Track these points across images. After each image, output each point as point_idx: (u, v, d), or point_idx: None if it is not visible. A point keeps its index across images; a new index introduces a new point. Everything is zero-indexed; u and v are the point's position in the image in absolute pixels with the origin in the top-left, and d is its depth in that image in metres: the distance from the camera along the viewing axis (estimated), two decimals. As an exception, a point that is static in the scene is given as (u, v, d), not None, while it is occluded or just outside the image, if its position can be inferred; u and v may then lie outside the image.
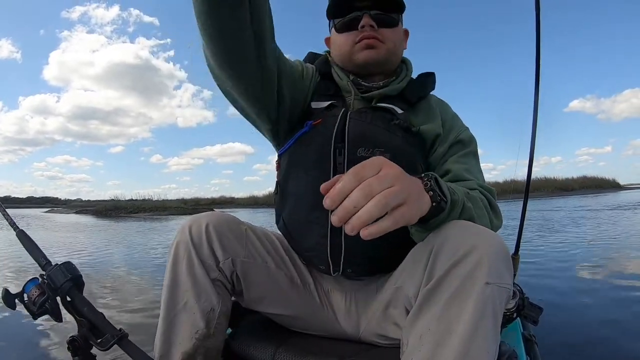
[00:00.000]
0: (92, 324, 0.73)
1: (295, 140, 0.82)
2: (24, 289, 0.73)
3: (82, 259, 4.85)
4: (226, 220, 0.82)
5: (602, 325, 1.94)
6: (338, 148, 0.78)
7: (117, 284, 3.37)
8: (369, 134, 0.79)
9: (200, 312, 0.75)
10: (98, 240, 7.65)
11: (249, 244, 0.83)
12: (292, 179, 0.84)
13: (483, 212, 0.74)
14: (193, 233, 0.77)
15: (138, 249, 6.08)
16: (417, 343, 0.58)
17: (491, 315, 0.55)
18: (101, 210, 23.71)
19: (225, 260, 0.78)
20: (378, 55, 0.85)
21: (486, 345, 0.54)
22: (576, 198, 17.12)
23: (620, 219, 7.42)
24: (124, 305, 2.58)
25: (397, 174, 0.50)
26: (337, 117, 0.80)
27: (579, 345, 1.70)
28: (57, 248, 6.07)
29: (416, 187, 0.56)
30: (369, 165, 0.50)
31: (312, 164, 0.80)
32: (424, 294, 0.59)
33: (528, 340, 1.07)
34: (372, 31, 0.84)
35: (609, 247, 4.47)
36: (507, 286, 0.57)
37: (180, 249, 0.77)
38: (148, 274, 3.86)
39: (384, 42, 0.85)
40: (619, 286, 2.73)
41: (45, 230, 10.70)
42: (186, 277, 0.75)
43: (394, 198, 0.48)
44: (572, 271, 3.30)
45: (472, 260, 0.56)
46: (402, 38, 0.91)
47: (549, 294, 2.53)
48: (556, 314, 2.06)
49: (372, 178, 0.48)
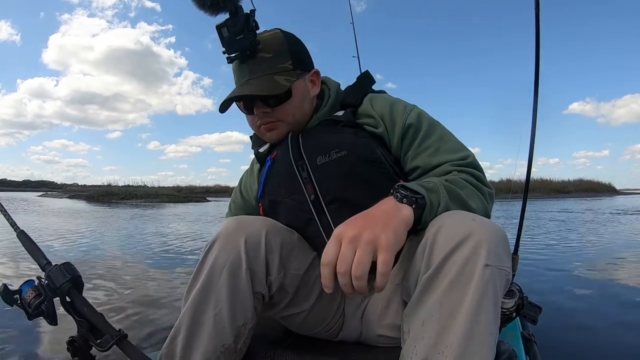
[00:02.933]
0: (91, 325, 0.72)
1: (265, 179, 0.88)
2: (20, 290, 0.72)
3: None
4: (282, 228, 0.78)
5: (601, 324, 1.96)
6: (300, 165, 0.82)
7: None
8: (321, 141, 0.82)
9: (230, 327, 0.69)
10: (75, 227, 7.46)
11: (300, 254, 0.79)
12: (278, 213, 0.86)
13: (469, 189, 0.72)
14: (248, 239, 0.71)
15: (118, 240, 5.63)
16: (420, 330, 0.58)
17: (492, 298, 0.55)
18: (93, 196, 23.61)
19: (278, 274, 0.74)
20: (280, 133, 0.86)
21: (489, 328, 0.54)
22: (570, 201, 17.16)
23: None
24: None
25: (354, 234, 0.57)
26: (288, 142, 0.85)
27: (578, 345, 1.71)
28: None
29: (385, 210, 0.61)
30: (329, 245, 0.58)
31: (285, 190, 0.84)
32: (423, 281, 0.59)
33: (527, 340, 1.08)
34: (266, 117, 0.84)
35: (604, 248, 4.52)
36: (507, 269, 0.57)
37: (224, 254, 0.70)
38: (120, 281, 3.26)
39: (282, 120, 0.84)
40: (618, 285, 2.76)
41: (25, 214, 10.61)
42: (225, 286, 0.69)
43: (364, 261, 0.55)
44: (569, 271, 3.33)
45: (470, 244, 0.56)
46: (304, 94, 0.86)
47: (547, 294, 2.55)
48: (556, 314, 2.07)
49: (338, 262, 0.56)
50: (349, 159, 0.79)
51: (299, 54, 0.85)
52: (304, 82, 0.86)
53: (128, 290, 2.70)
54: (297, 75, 0.83)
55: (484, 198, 0.74)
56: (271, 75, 0.81)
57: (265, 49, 0.81)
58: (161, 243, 5.24)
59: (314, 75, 0.89)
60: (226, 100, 0.82)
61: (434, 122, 0.84)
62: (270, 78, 0.80)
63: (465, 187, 0.72)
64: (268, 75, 0.80)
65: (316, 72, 0.89)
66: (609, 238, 5.48)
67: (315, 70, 0.89)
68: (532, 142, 1.22)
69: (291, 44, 0.84)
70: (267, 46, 0.81)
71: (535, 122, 1.20)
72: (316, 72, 0.89)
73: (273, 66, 0.81)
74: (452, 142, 0.82)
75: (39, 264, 0.76)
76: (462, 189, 0.71)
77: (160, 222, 8.87)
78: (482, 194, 0.75)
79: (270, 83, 0.80)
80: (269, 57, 0.81)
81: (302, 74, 0.85)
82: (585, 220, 8.12)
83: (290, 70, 0.82)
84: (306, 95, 0.86)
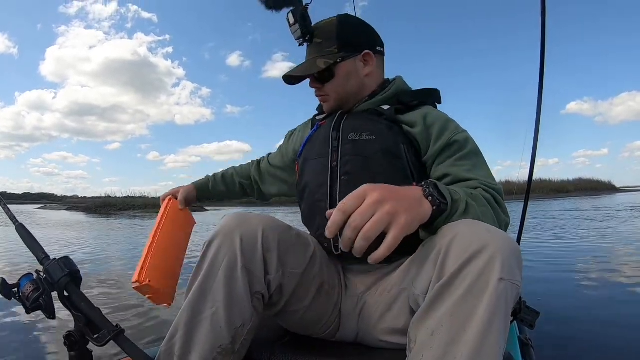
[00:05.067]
0: (88, 320, 0.71)
1: (307, 140, 1.01)
2: (18, 284, 0.72)
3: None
4: (279, 225, 0.78)
5: (599, 329, 1.96)
6: (335, 136, 0.93)
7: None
8: (357, 122, 0.93)
9: (227, 327, 0.68)
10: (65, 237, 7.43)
11: (299, 252, 0.80)
12: (306, 171, 0.97)
13: (487, 209, 0.73)
14: (244, 238, 0.71)
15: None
16: (428, 339, 0.57)
17: (503, 312, 0.55)
18: (91, 207, 23.55)
19: (277, 272, 0.74)
20: (330, 106, 1.00)
21: (498, 342, 0.54)
22: (571, 200, 17.12)
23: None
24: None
25: (379, 197, 0.58)
26: (335, 116, 0.97)
27: (575, 349, 1.71)
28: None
29: (411, 196, 0.62)
30: (352, 196, 0.59)
31: (317, 152, 0.95)
32: (435, 290, 0.58)
33: (524, 344, 1.07)
34: (318, 91, 0.99)
35: (600, 249, 4.50)
36: (519, 283, 0.57)
37: (221, 252, 0.70)
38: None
39: (329, 95, 0.97)
40: (616, 289, 2.75)
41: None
42: (222, 285, 0.69)
43: (379, 225, 0.56)
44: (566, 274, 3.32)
45: (486, 256, 0.56)
46: (349, 73, 0.95)
47: (545, 297, 2.54)
48: (552, 318, 2.07)
49: (356, 214, 0.57)
50: (375, 144, 0.88)
51: (347, 38, 0.95)
52: (353, 63, 0.95)
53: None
54: (340, 58, 0.93)
55: (497, 221, 0.75)
56: (316, 58, 0.94)
57: (319, 35, 0.95)
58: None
59: (366, 56, 0.96)
60: (285, 76, 0.99)
61: (478, 149, 0.89)
62: (314, 61, 0.94)
63: (484, 206, 0.73)
64: (313, 58, 0.94)
65: (367, 54, 0.96)
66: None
67: (366, 52, 0.96)
68: (535, 143, 1.23)
69: (341, 29, 0.95)
70: (320, 33, 0.95)
71: (539, 123, 1.21)
72: (367, 54, 0.96)
73: (320, 50, 0.94)
74: (486, 170, 0.86)
75: (37, 257, 0.75)
76: (481, 207, 0.72)
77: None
78: (497, 217, 0.75)
79: (309, 66, 0.95)
80: (319, 42, 0.95)
81: (349, 56, 0.94)
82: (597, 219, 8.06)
83: (334, 53, 0.93)
84: (352, 75, 0.96)
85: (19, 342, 1.64)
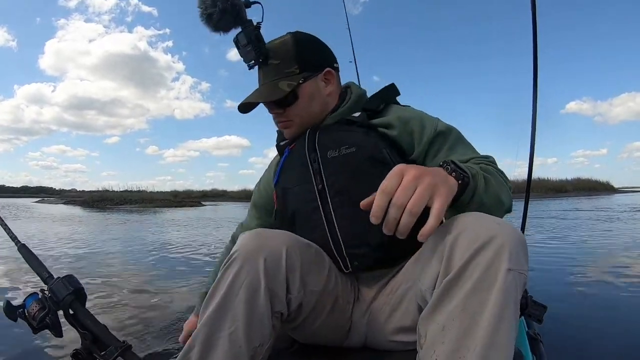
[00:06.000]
0: (95, 337, 0.71)
1: (281, 168, 0.96)
2: (24, 304, 0.72)
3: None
4: (301, 243, 0.76)
5: (608, 322, 1.96)
6: (312, 157, 0.88)
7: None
8: (333, 137, 0.88)
9: (247, 346, 0.66)
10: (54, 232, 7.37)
11: (319, 269, 0.78)
12: (289, 200, 0.93)
13: (497, 178, 0.76)
14: (268, 258, 0.69)
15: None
16: (440, 335, 0.56)
17: (513, 302, 0.54)
18: (88, 201, 23.55)
19: (299, 292, 0.72)
20: (292, 132, 0.95)
21: (510, 334, 0.54)
22: (568, 201, 17.11)
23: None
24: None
25: (417, 173, 0.58)
26: (305, 136, 0.92)
27: (584, 343, 1.70)
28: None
29: (440, 174, 0.62)
30: (391, 177, 0.59)
31: (297, 178, 0.90)
32: (444, 285, 0.58)
33: (533, 339, 1.07)
34: (279, 117, 0.93)
35: (604, 245, 4.52)
36: (525, 272, 0.57)
37: (243, 272, 0.68)
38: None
39: (291, 120, 0.92)
40: (627, 283, 2.75)
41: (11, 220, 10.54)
42: (242, 305, 0.67)
43: (423, 198, 0.56)
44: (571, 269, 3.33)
45: (493, 247, 0.55)
46: (312, 94, 0.91)
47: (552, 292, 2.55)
48: (561, 312, 2.06)
49: (398, 192, 0.57)
50: (357, 155, 0.84)
51: (307, 57, 0.90)
52: (315, 83, 0.91)
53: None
54: (302, 79, 0.88)
55: (507, 185, 0.78)
56: (277, 81, 0.88)
57: (274, 56, 0.89)
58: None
59: (327, 74, 0.93)
60: (241, 105, 0.92)
61: (458, 132, 0.90)
62: (275, 84, 0.88)
63: (496, 175, 0.76)
64: (274, 81, 0.88)
65: (328, 72, 0.93)
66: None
67: (327, 70, 0.92)
68: (532, 140, 1.22)
69: (299, 48, 0.89)
70: (276, 53, 0.89)
71: (535, 121, 1.21)
72: (328, 72, 0.93)
73: (280, 72, 0.88)
74: (474, 148, 0.89)
75: (41, 277, 0.75)
76: (495, 177, 0.75)
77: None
78: (506, 183, 0.79)
79: (272, 89, 0.88)
80: (276, 64, 0.89)
81: (311, 76, 0.90)
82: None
83: (295, 74, 0.88)
84: (316, 95, 0.92)
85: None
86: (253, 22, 0.87)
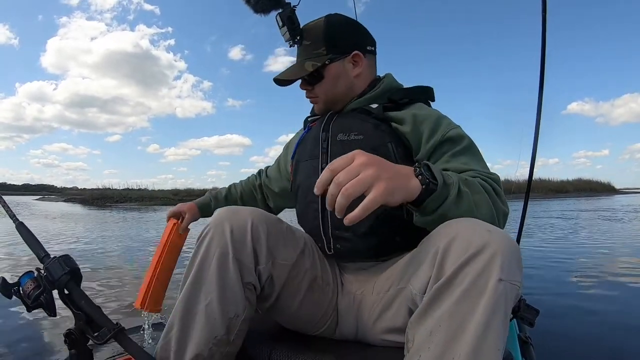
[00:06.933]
0: (89, 318, 0.72)
1: (299, 141, 1.02)
2: (19, 282, 0.72)
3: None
4: (269, 217, 0.79)
5: (599, 327, 1.97)
6: (324, 137, 0.94)
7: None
8: (346, 122, 0.93)
9: (221, 318, 0.70)
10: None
11: (289, 244, 0.81)
12: (298, 172, 0.99)
13: (482, 195, 0.71)
14: (234, 229, 0.73)
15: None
16: (426, 340, 0.57)
17: (502, 313, 0.55)
18: (88, 199, 23.60)
19: (267, 263, 0.75)
20: (320, 107, 1.00)
21: (497, 343, 0.54)
22: (567, 202, 17.08)
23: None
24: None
25: (366, 161, 0.59)
26: (324, 117, 0.98)
27: (575, 348, 1.71)
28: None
29: (399, 170, 0.63)
30: (343, 157, 0.60)
31: (308, 153, 0.96)
32: (434, 290, 0.58)
33: (524, 342, 1.07)
34: (307, 93, 1.00)
35: (599, 247, 4.51)
36: (518, 284, 0.57)
37: (213, 244, 0.72)
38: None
39: (318, 96, 0.98)
40: (614, 285, 2.75)
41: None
42: (214, 277, 0.71)
43: (360, 184, 0.57)
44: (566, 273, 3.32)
45: (485, 256, 0.55)
46: (338, 75, 0.95)
47: (544, 296, 2.55)
48: (553, 316, 2.07)
49: (342, 172, 0.58)
50: (362, 143, 0.87)
51: (335, 39, 0.94)
52: (342, 64, 0.95)
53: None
54: (329, 60, 0.93)
55: (494, 209, 0.72)
56: (304, 61, 0.94)
57: (307, 37, 0.95)
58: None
59: (355, 56, 0.95)
60: (275, 79, 0.97)
61: (473, 144, 0.87)
62: (302, 64, 0.94)
63: (479, 192, 0.71)
64: (301, 61, 0.95)
65: (357, 54, 0.95)
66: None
67: (355, 53, 0.95)
68: (535, 141, 1.22)
69: (329, 31, 0.94)
70: (308, 34, 0.95)
71: (539, 122, 1.21)
72: (357, 54, 0.95)
73: (309, 52, 0.94)
74: (483, 163, 0.85)
75: (37, 256, 0.75)
76: (475, 194, 0.70)
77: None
78: (494, 205, 0.72)
79: (298, 69, 0.94)
80: (308, 44, 0.95)
81: (337, 57, 0.94)
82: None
83: (322, 55, 0.93)
84: (342, 76, 0.95)
85: (19, 340, 1.64)
86: (291, 4, 0.93)
